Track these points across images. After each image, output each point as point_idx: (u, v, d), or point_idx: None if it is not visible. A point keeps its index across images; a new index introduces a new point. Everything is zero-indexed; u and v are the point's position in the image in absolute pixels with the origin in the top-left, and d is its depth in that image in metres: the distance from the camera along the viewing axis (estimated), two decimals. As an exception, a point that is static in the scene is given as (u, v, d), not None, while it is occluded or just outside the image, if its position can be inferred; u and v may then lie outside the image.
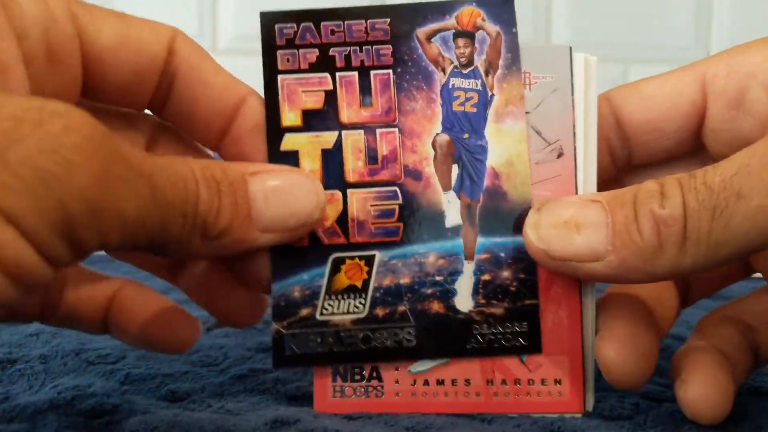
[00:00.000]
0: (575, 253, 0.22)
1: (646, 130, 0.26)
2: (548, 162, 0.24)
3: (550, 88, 0.24)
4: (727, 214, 0.20)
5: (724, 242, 0.20)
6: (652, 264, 0.21)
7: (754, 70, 0.24)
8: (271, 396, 0.26)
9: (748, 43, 0.25)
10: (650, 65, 1.07)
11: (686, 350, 0.25)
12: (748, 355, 0.25)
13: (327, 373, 0.24)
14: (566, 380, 0.24)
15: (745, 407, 0.24)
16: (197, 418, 0.22)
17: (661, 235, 0.21)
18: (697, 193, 0.20)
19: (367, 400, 0.24)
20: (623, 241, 0.21)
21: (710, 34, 1.01)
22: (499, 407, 0.24)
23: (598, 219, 0.22)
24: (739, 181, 0.20)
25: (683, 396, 0.23)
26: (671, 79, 0.26)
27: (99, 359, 0.29)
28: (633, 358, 0.23)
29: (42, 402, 0.24)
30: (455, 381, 0.24)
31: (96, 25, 0.22)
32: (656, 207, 0.21)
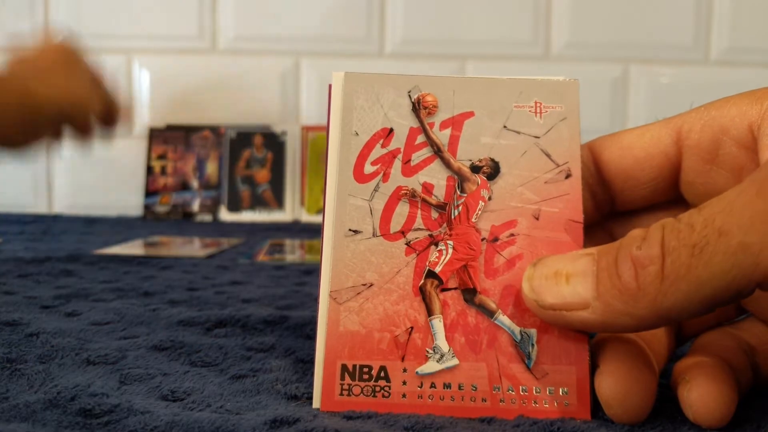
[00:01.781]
0: (563, 302, 0.22)
1: (623, 178, 0.27)
2: (557, 182, 0.26)
3: (560, 117, 0.26)
4: (707, 252, 0.20)
5: (705, 281, 0.20)
6: (635, 306, 0.21)
7: (728, 125, 0.25)
8: (271, 396, 0.26)
9: (726, 97, 0.25)
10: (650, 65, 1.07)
11: (689, 357, 0.25)
12: (749, 371, 0.25)
13: (335, 370, 0.24)
14: (573, 389, 0.24)
15: (746, 407, 0.24)
16: (197, 418, 0.22)
17: (639, 277, 0.21)
18: (678, 233, 0.20)
19: (374, 400, 0.24)
20: (605, 286, 0.21)
21: (710, 34, 1.01)
22: (505, 413, 0.24)
23: (585, 268, 0.22)
24: (721, 219, 0.20)
25: (686, 397, 0.23)
26: (649, 131, 0.27)
27: (99, 359, 0.29)
28: (633, 392, 0.23)
29: (42, 401, 0.24)
30: (462, 385, 0.24)
31: None
32: (634, 249, 0.21)
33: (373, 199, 0.25)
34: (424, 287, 0.25)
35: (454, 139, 0.26)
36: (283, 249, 0.68)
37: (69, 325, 0.34)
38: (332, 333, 0.24)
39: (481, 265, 0.25)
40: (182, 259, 0.60)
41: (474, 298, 0.25)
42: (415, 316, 0.24)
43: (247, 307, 0.40)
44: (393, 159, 0.26)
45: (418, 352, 0.24)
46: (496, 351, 0.24)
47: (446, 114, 0.26)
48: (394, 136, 0.26)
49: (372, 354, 0.24)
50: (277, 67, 1.02)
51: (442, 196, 0.26)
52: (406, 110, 0.26)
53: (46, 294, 0.42)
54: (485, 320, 0.24)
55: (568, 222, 0.25)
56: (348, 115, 0.26)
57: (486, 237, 0.25)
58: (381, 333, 0.24)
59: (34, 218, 0.91)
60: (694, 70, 1.01)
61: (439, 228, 0.25)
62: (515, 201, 0.25)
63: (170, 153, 1.00)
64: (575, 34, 1.00)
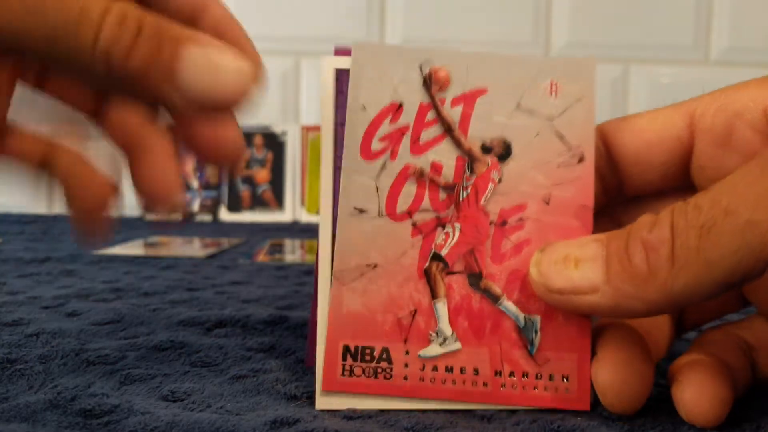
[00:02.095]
0: (573, 286, 0.22)
1: (634, 162, 0.26)
2: (570, 166, 0.25)
3: (576, 97, 0.25)
4: (715, 232, 0.20)
5: (714, 261, 0.20)
6: (645, 290, 0.21)
7: (742, 109, 0.25)
8: (271, 396, 0.26)
9: (739, 83, 0.25)
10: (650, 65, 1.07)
11: (685, 356, 0.25)
12: (748, 370, 0.25)
13: (338, 349, 0.24)
14: (574, 377, 0.24)
15: (745, 407, 0.24)
16: (197, 418, 0.23)
17: (650, 260, 0.21)
18: (686, 215, 0.20)
19: (376, 381, 0.24)
20: (615, 270, 0.21)
21: (710, 34, 1.01)
22: (505, 399, 0.24)
23: (595, 253, 0.22)
24: (727, 198, 0.20)
25: (679, 397, 0.23)
26: (661, 114, 0.26)
27: (99, 359, 0.29)
28: (629, 382, 0.23)
29: (42, 402, 0.24)
30: (464, 369, 0.24)
31: None
32: (645, 233, 0.21)
33: (379, 178, 0.25)
34: (430, 270, 0.25)
35: (465, 116, 0.25)
36: (283, 249, 0.68)
37: (69, 325, 0.34)
38: (335, 313, 0.24)
39: (488, 250, 0.25)
40: (182, 259, 0.60)
41: (479, 282, 0.25)
42: (419, 299, 0.24)
43: (247, 307, 0.40)
44: (401, 136, 0.25)
45: (421, 334, 0.24)
46: (499, 336, 0.24)
47: (458, 90, 0.25)
48: (403, 111, 0.25)
49: (375, 336, 0.24)
50: (277, 67, 1.02)
51: (451, 177, 0.25)
52: (417, 85, 0.25)
53: (46, 294, 0.42)
54: (489, 305, 0.24)
55: (578, 207, 0.25)
56: (356, 88, 0.25)
57: (494, 221, 0.25)
58: (384, 315, 0.24)
59: (34, 218, 0.91)
60: (694, 70, 1.01)
61: (446, 210, 0.25)
62: (526, 184, 0.25)
63: (170, 153, 1.00)
64: (575, 34, 1.00)
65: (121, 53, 0.19)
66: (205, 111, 0.21)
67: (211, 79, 0.21)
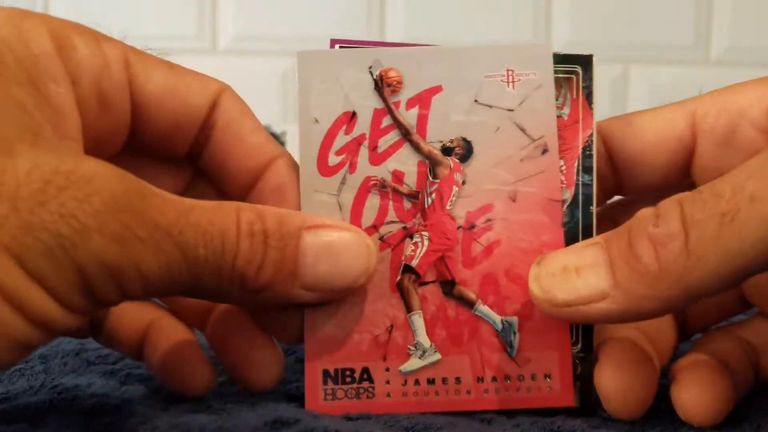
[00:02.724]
0: (578, 296, 0.21)
1: (635, 162, 0.26)
2: (533, 159, 0.24)
3: (534, 85, 0.24)
4: (739, 220, 0.19)
5: (736, 250, 0.19)
6: (659, 288, 0.20)
7: (744, 108, 0.24)
8: (271, 396, 0.26)
9: (739, 84, 0.25)
10: (650, 65, 1.07)
11: (686, 357, 0.25)
12: (750, 372, 0.25)
13: (317, 375, 0.24)
14: (556, 375, 0.24)
15: (745, 407, 0.24)
16: (197, 418, 0.22)
17: (660, 256, 0.20)
18: (703, 204, 0.19)
19: (359, 402, 0.24)
20: (623, 272, 0.21)
21: (710, 34, 1.01)
22: (490, 404, 0.24)
23: (595, 258, 0.21)
24: (752, 185, 0.19)
25: (677, 397, 0.23)
26: (662, 114, 0.26)
27: (99, 359, 0.29)
28: (633, 387, 0.23)
29: (42, 402, 0.24)
30: (446, 380, 0.24)
31: (147, 73, 0.23)
32: (650, 228, 0.20)
33: (341, 194, 0.24)
34: (402, 283, 0.24)
35: (422, 118, 0.24)
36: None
37: (69, 326, 0.34)
38: (311, 338, 0.24)
39: (459, 255, 0.24)
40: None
41: (453, 290, 0.24)
42: (394, 314, 0.24)
43: (247, 307, 0.40)
44: (359, 147, 0.24)
45: (400, 350, 0.24)
46: (478, 342, 0.24)
47: (412, 91, 0.24)
48: (357, 120, 0.24)
49: (353, 356, 0.24)
50: (277, 67, 1.01)
51: (413, 184, 0.24)
52: (369, 89, 0.24)
53: (46, 294, 0.42)
54: (465, 312, 0.24)
55: (546, 202, 0.24)
56: (306, 99, 0.24)
57: (462, 225, 0.24)
58: (361, 334, 0.24)
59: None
60: (694, 70, 1.01)
61: (413, 219, 0.24)
62: (490, 183, 0.24)
63: (170, 153, 1.00)
64: (575, 34, 1.00)
65: (252, 274, 0.20)
66: (331, 297, 0.22)
67: (332, 269, 0.21)
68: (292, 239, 0.21)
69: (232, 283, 0.20)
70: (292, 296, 0.21)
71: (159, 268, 0.18)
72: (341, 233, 0.22)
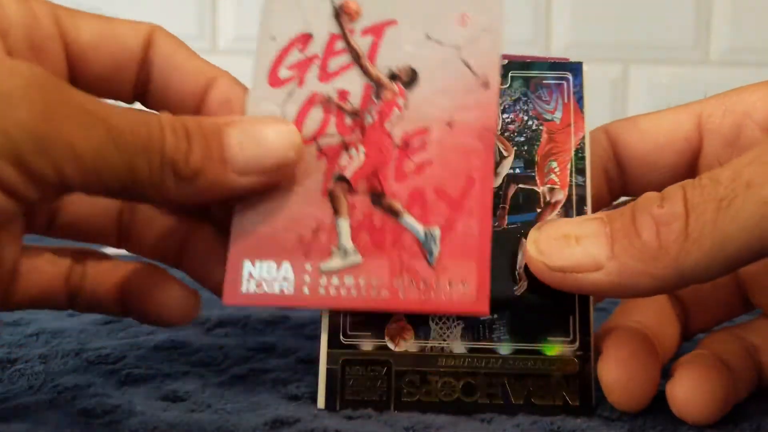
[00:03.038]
0: (575, 263, 0.22)
1: (642, 163, 0.26)
2: (474, 92, 0.25)
3: (483, 27, 0.26)
4: (735, 205, 0.19)
5: (731, 235, 0.19)
6: (654, 266, 0.20)
7: (750, 109, 0.25)
8: (271, 396, 0.26)
9: (744, 86, 0.26)
10: (650, 65, 1.07)
11: (686, 355, 0.25)
12: (752, 371, 0.25)
13: (239, 266, 0.24)
14: (472, 282, 0.24)
15: (745, 407, 0.24)
16: (197, 418, 0.23)
17: (660, 235, 0.20)
18: (702, 188, 0.20)
19: (277, 296, 0.24)
20: (622, 245, 0.21)
21: (710, 34, 1.01)
22: (406, 305, 0.24)
23: (597, 230, 0.22)
24: (749, 171, 0.19)
25: (670, 393, 0.23)
26: (668, 116, 0.26)
27: (99, 359, 0.29)
28: (635, 379, 0.23)
29: (42, 402, 0.24)
30: (364, 280, 0.24)
31: (77, 25, 0.24)
32: (655, 208, 0.21)
33: (286, 105, 0.25)
34: (333, 190, 0.25)
35: (374, 46, 0.26)
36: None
37: (69, 325, 0.34)
38: (237, 234, 0.24)
39: (392, 170, 0.25)
40: (182, 259, 0.60)
41: (382, 200, 0.25)
42: (321, 217, 0.25)
43: (247, 307, 0.40)
44: (309, 64, 0.26)
45: (323, 249, 0.24)
46: (399, 249, 0.24)
47: (368, 21, 0.26)
48: (312, 41, 0.26)
49: (276, 251, 0.24)
50: (277, 67, 1.02)
51: (357, 104, 0.25)
52: (327, 15, 0.26)
53: (46, 294, 0.42)
54: (391, 221, 0.25)
55: (481, 129, 0.25)
56: (266, 19, 0.26)
57: (398, 144, 0.25)
58: (287, 233, 0.24)
59: (34, 218, 0.91)
60: (694, 70, 1.01)
61: (351, 134, 0.25)
62: (430, 109, 0.25)
63: (170, 153, 1.00)
64: (575, 34, 1.00)
65: (182, 159, 0.21)
66: (268, 178, 0.23)
67: (258, 149, 0.22)
68: (213, 133, 0.22)
69: (164, 170, 0.21)
70: (228, 182, 0.22)
71: (89, 147, 0.19)
72: (259, 119, 0.24)
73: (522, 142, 0.26)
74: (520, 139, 0.26)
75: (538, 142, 0.26)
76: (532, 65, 0.27)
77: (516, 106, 0.26)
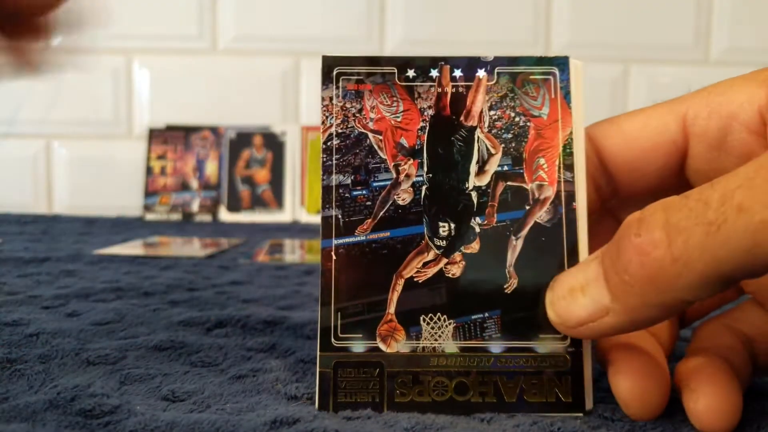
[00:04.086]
0: (587, 315, 0.22)
1: (629, 169, 0.26)
2: None
3: None
4: (725, 230, 0.18)
5: (723, 259, 0.19)
6: (650, 297, 0.20)
7: (736, 110, 0.24)
8: (271, 396, 0.26)
9: (729, 80, 0.25)
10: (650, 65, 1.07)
11: (692, 359, 0.25)
12: (749, 364, 0.25)
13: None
14: None
15: (746, 408, 0.24)
16: (197, 419, 0.22)
17: (645, 265, 0.20)
18: (689, 211, 0.19)
19: None
20: (616, 284, 0.21)
21: (710, 34, 1.01)
22: None
23: (596, 273, 0.21)
24: (740, 195, 0.18)
25: (693, 407, 0.23)
26: (652, 118, 0.26)
27: (99, 359, 0.29)
28: (650, 390, 0.23)
29: (42, 402, 0.24)
30: None
31: None
32: (633, 237, 0.20)
33: None
34: None
35: None
36: (283, 249, 0.68)
37: (69, 325, 0.34)
38: None
39: None
40: (182, 259, 0.60)
41: None
42: None
43: (247, 307, 0.40)
44: None
45: None
46: None
47: None
48: None
49: None
50: (277, 67, 1.01)
51: None
52: None
53: (46, 294, 0.42)
54: None
55: None
56: None
57: None
58: None
59: (34, 218, 0.91)
60: (694, 70, 1.01)
61: None
62: None
63: (170, 153, 1.00)
64: (575, 34, 1.00)
65: None
66: None
67: None
68: None
69: None
70: None
71: None
72: None
73: (509, 138, 0.26)
74: (508, 136, 0.26)
75: (525, 138, 0.25)
76: (518, 61, 0.26)
77: (503, 102, 0.26)
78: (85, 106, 1.00)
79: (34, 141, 1.01)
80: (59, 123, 1.01)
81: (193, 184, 0.99)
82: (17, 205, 0.99)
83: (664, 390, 0.23)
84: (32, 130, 1.00)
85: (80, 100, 1.00)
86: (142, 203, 0.99)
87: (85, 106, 1.00)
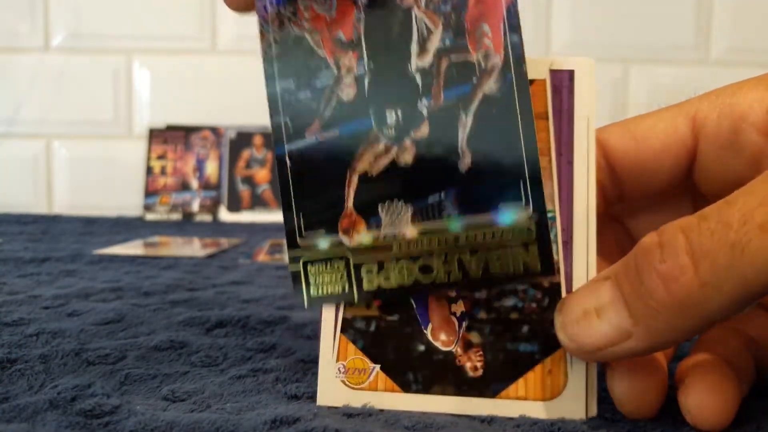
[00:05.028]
0: (606, 340, 0.21)
1: (638, 171, 0.26)
2: None
3: None
4: (750, 250, 0.18)
5: (752, 279, 0.19)
6: (677, 321, 0.20)
7: (746, 111, 0.24)
8: (271, 396, 0.26)
9: (739, 83, 0.25)
10: (650, 65, 1.07)
11: (691, 357, 0.25)
12: (752, 367, 0.25)
13: None
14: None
15: (746, 408, 0.24)
16: (198, 419, 0.22)
17: (672, 291, 0.20)
18: (711, 234, 0.19)
19: None
20: (639, 310, 0.20)
21: (710, 34, 1.01)
22: None
23: (612, 296, 0.21)
24: (761, 214, 0.19)
25: (684, 402, 0.23)
26: (662, 120, 0.26)
27: (99, 359, 0.29)
28: (646, 390, 0.23)
29: (42, 402, 0.24)
30: None
31: None
32: (657, 263, 0.20)
33: None
34: None
35: None
36: (283, 249, 0.68)
37: (69, 325, 0.34)
38: None
39: None
40: (182, 259, 0.60)
41: None
42: None
43: (247, 307, 0.40)
44: None
45: None
46: None
47: None
48: None
49: None
50: (277, 67, 1.01)
51: None
52: None
53: (46, 294, 0.42)
54: None
55: None
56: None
57: None
58: None
59: (34, 218, 0.91)
60: (694, 70, 1.01)
61: None
62: None
63: (170, 153, 1.00)
64: (575, 34, 1.00)
65: None
66: None
67: None
68: None
69: None
70: None
71: None
72: None
73: (448, 11, 0.24)
74: (446, 9, 0.24)
75: (465, 7, 0.24)
76: None
77: None
78: (85, 106, 1.00)
79: (34, 141, 1.01)
80: (59, 123, 1.01)
81: (194, 184, 0.99)
82: (17, 205, 0.99)
83: (660, 391, 0.23)
84: (32, 130, 1.00)
85: (80, 100, 1.00)
86: (142, 203, 0.99)
87: (85, 106, 1.00)
